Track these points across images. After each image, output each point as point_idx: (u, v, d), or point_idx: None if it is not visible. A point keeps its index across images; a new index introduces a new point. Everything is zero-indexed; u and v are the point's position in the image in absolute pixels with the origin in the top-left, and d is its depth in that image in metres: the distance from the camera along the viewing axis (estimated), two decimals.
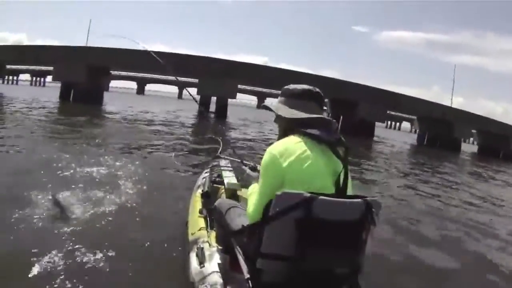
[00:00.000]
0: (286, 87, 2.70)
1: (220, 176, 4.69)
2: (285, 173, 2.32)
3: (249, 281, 2.32)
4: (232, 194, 4.02)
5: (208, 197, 4.29)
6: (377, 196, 2.48)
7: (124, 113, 27.61)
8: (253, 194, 2.56)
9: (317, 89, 2.65)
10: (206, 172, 5.18)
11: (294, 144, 2.38)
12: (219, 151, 4.85)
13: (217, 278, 2.80)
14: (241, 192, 4.05)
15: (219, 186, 4.62)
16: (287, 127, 2.56)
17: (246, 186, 4.13)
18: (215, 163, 5.29)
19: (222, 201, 3.25)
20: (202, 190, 4.51)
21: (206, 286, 2.78)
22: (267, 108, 2.80)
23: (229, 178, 4.36)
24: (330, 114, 41.15)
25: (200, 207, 4.04)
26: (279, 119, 2.66)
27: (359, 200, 2.29)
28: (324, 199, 2.17)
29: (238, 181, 4.32)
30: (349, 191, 2.39)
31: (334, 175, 2.37)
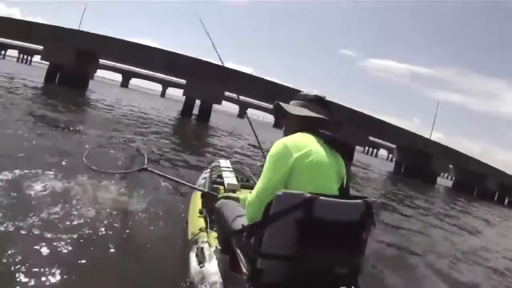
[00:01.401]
0: (299, 93, 2.87)
1: (220, 176, 4.74)
2: (294, 165, 2.42)
3: (249, 281, 2.33)
4: None
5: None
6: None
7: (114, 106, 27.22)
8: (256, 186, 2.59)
9: (326, 98, 2.82)
10: (206, 173, 5.15)
11: (305, 140, 2.52)
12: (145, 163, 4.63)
13: (217, 278, 2.82)
14: (241, 193, 4.04)
15: (219, 186, 4.59)
16: (298, 126, 2.68)
17: (246, 186, 4.31)
18: (215, 164, 5.30)
19: (223, 201, 3.23)
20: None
21: (206, 286, 2.80)
22: (278, 106, 2.90)
23: (229, 178, 4.43)
24: None
25: (200, 207, 4.03)
26: (289, 119, 2.80)
27: (359, 200, 2.35)
28: (325, 199, 2.21)
29: (238, 181, 4.43)
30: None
31: (338, 176, 2.51)
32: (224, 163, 5.13)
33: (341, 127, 37.04)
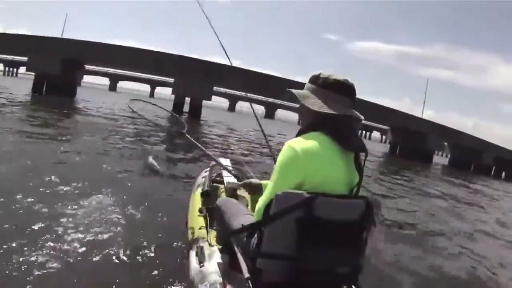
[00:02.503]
0: (316, 74, 2.45)
1: (220, 175, 4.70)
2: (306, 174, 2.21)
3: (249, 281, 2.30)
4: (232, 193, 3.98)
5: (208, 196, 4.26)
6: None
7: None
8: (265, 191, 2.37)
9: (350, 82, 2.41)
10: (205, 171, 5.12)
11: (318, 144, 2.23)
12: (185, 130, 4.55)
13: (217, 278, 2.79)
14: (241, 191, 4.06)
15: (219, 185, 4.57)
16: (314, 121, 2.37)
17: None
18: (214, 162, 5.18)
19: (223, 200, 3.20)
20: (202, 189, 4.46)
21: (206, 285, 2.77)
22: (290, 94, 2.51)
23: (229, 177, 4.33)
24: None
25: (200, 206, 4.02)
26: (304, 109, 2.41)
27: (359, 200, 2.28)
28: (325, 199, 2.14)
29: (238, 180, 4.29)
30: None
31: (350, 184, 2.32)
32: (224, 162, 4.98)
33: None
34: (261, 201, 2.34)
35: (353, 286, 2.35)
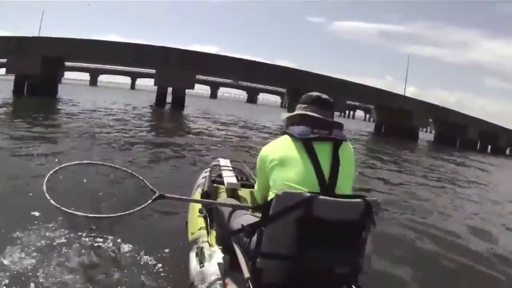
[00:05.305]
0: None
1: (220, 175, 4.67)
2: (269, 174, 2.58)
3: (249, 281, 2.32)
4: (232, 193, 4.00)
5: (208, 197, 4.21)
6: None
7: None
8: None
9: (318, 94, 2.77)
10: (205, 172, 5.07)
11: (280, 145, 2.59)
12: None
13: (217, 278, 2.79)
14: (241, 192, 4.07)
15: (219, 185, 4.50)
16: (286, 124, 2.79)
17: (246, 185, 4.26)
18: (214, 163, 5.24)
19: (223, 200, 3.25)
20: (202, 190, 4.47)
21: (206, 286, 2.78)
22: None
23: (229, 177, 4.36)
24: (286, 105, 42.00)
25: (200, 207, 3.98)
26: None
27: (359, 200, 2.32)
28: (324, 198, 2.21)
29: (238, 180, 4.35)
30: (347, 188, 2.50)
31: (318, 173, 2.42)
32: (224, 162, 5.04)
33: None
34: (255, 190, 2.99)
35: (352, 286, 2.38)
